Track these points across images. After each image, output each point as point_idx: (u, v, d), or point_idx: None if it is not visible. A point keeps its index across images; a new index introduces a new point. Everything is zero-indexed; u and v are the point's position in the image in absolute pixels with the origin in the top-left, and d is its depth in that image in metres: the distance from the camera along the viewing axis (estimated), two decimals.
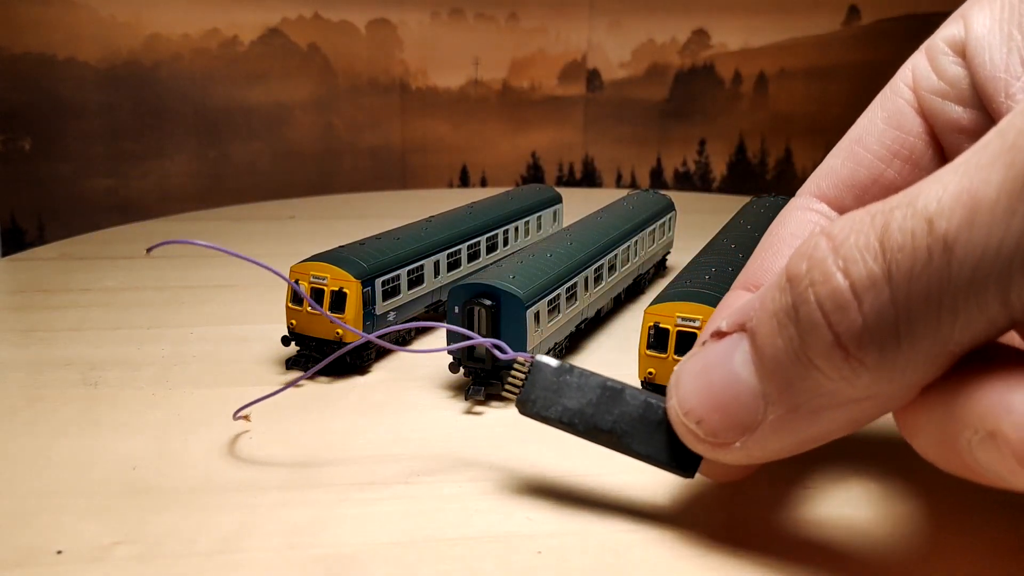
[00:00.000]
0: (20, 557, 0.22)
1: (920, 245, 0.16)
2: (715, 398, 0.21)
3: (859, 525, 0.24)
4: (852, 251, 0.17)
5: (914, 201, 0.17)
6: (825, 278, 0.18)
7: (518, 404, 0.25)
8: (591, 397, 0.24)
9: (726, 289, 0.32)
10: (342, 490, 0.26)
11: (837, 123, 1.07)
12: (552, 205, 0.55)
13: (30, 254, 0.57)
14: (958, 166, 0.17)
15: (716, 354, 0.21)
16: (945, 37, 0.24)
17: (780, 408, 0.20)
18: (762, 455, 0.21)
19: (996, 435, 0.17)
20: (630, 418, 0.24)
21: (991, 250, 0.16)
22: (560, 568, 0.22)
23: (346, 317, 0.35)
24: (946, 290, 0.16)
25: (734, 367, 0.20)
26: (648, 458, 0.23)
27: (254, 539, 0.23)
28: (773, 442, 0.20)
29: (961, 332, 0.17)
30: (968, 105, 0.23)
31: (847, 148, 0.26)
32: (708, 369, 0.21)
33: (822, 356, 0.18)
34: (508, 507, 0.25)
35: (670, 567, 0.22)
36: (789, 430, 0.20)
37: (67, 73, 0.79)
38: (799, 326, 0.18)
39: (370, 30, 0.88)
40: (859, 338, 0.17)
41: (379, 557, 0.23)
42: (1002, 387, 0.17)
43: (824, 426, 0.20)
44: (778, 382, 0.19)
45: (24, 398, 0.33)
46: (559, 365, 0.25)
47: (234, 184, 0.87)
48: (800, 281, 0.18)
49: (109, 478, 0.27)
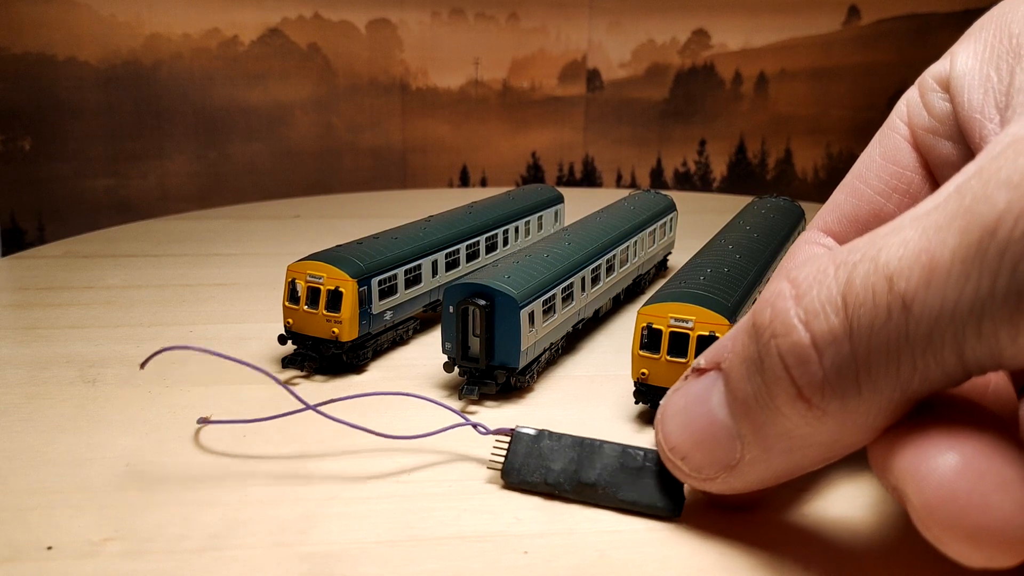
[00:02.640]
0: (10, 552, 0.22)
1: (881, 303, 0.17)
2: (696, 436, 0.22)
3: (852, 525, 0.24)
4: (814, 303, 0.18)
5: (877, 256, 0.17)
6: (787, 331, 0.18)
7: (503, 475, 0.26)
8: (572, 455, 0.26)
9: (720, 290, 0.32)
10: (332, 488, 0.26)
11: (838, 124, 1.07)
12: (554, 205, 0.55)
13: (34, 252, 0.58)
14: (917, 219, 0.17)
15: (696, 392, 0.22)
16: (935, 74, 0.24)
17: (754, 448, 0.21)
18: (743, 487, 0.22)
19: (905, 496, 0.18)
20: (612, 469, 0.25)
21: (947, 311, 0.16)
22: (547, 568, 0.22)
23: (342, 316, 0.35)
24: (904, 346, 0.17)
25: (712, 407, 0.21)
26: (636, 504, 0.25)
27: (243, 536, 0.23)
28: (752, 476, 0.21)
29: (920, 383, 0.17)
30: (956, 141, 0.24)
31: (850, 184, 0.26)
32: (689, 407, 0.22)
33: (786, 404, 0.19)
34: (497, 507, 0.25)
35: (657, 568, 0.22)
36: (765, 466, 0.21)
37: (67, 73, 0.79)
38: (764, 376, 0.19)
39: (370, 30, 0.88)
40: (821, 390, 0.18)
41: (367, 555, 0.23)
42: (914, 451, 0.17)
43: (797, 462, 0.20)
44: (751, 424, 0.20)
45: (22, 395, 0.33)
46: (537, 432, 0.26)
47: (234, 184, 0.87)
48: (764, 331, 0.19)
49: (102, 475, 0.27)
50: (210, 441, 0.29)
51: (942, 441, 0.17)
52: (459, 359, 0.34)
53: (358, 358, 0.37)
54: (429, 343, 0.41)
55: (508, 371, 0.33)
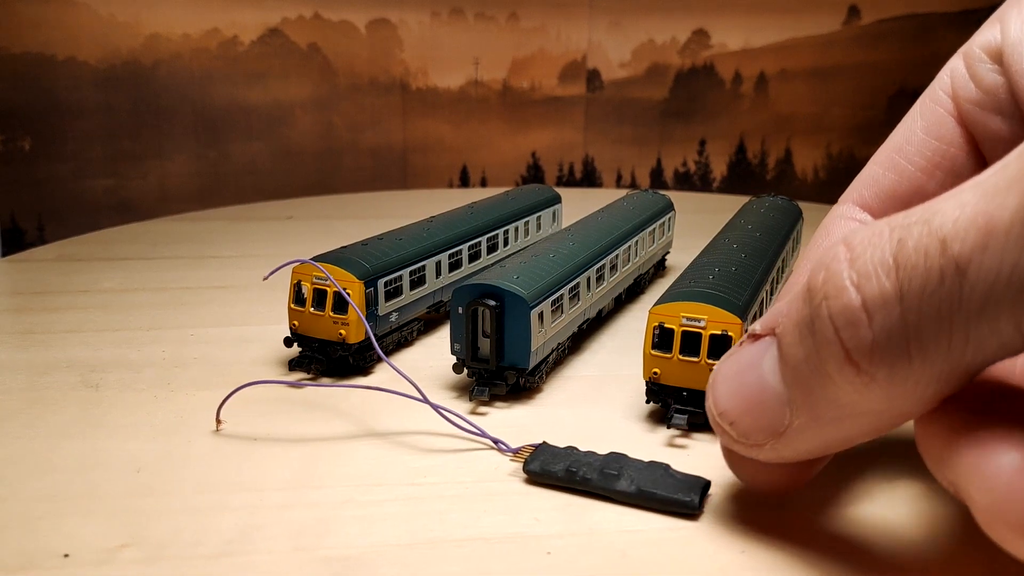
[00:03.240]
0: (26, 561, 0.22)
1: (933, 266, 0.16)
2: (746, 402, 0.21)
3: (872, 526, 0.24)
4: (867, 266, 0.18)
5: (931, 219, 0.17)
6: (838, 293, 0.18)
7: (524, 466, 0.27)
8: (597, 457, 0.27)
9: (730, 289, 0.32)
10: (347, 491, 0.26)
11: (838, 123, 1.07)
12: (551, 205, 0.55)
13: (28, 255, 0.57)
14: (977, 184, 0.17)
15: (748, 357, 0.21)
16: (982, 43, 0.23)
17: (804, 415, 0.20)
18: (792, 456, 0.21)
19: (967, 494, 0.17)
20: (636, 468, 0.26)
21: (1004, 276, 0.16)
22: (571, 568, 0.22)
23: (349, 318, 0.35)
24: (957, 312, 0.16)
25: (763, 372, 0.21)
26: (656, 496, 0.25)
27: (259, 541, 0.23)
28: (800, 444, 0.21)
29: (973, 354, 0.17)
30: (1008, 115, 0.23)
31: (888, 158, 0.25)
32: (741, 372, 0.22)
33: (835, 370, 0.18)
34: (515, 508, 0.25)
35: (679, 567, 0.22)
36: (814, 435, 0.20)
37: (67, 73, 0.78)
38: (815, 339, 0.19)
39: (370, 30, 0.88)
40: (869, 354, 0.18)
41: (386, 558, 0.22)
42: (977, 448, 0.17)
43: (847, 432, 0.20)
44: (801, 390, 0.20)
45: (25, 400, 0.33)
46: (565, 447, 0.28)
47: (234, 184, 0.86)
48: (817, 293, 0.19)
49: (113, 481, 0.26)
50: (219, 445, 0.29)
51: (1006, 437, 0.17)
52: (468, 360, 0.34)
53: (365, 360, 0.37)
54: (434, 344, 0.41)
55: (518, 372, 0.33)
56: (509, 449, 0.28)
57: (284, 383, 0.34)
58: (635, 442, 0.29)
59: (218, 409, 0.30)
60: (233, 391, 0.30)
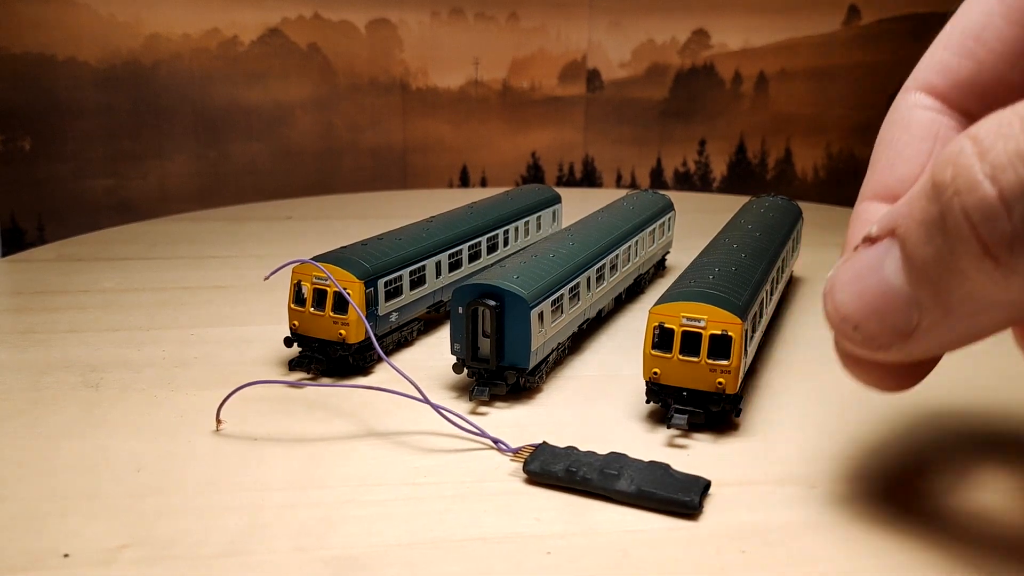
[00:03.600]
0: (28, 560, 0.22)
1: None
2: (869, 305, 0.21)
3: (870, 525, 0.24)
4: (1001, 157, 0.17)
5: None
6: (972, 187, 0.18)
7: (524, 465, 0.27)
8: (597, 457, 0.27)
9: (731, 289, 0.32)
10: (348, 491, 0.26)
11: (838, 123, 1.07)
12: (551, 205, 0.55)
13: (27, 255, 0.57)
14: None
15: (868, 261, 0.21)
16: None
17: (935, 313, 0.20)
18: (922, 353, 0.21)
19: None
20: (636, 468, 0.26)
21: None
22: (572, 568, 0.22)
23: (349, 318, 0.35)
24: None
25: (886, 275, 0.20)
26: (656, 495, 0.25)
27: (262, 541, 0.23)
28: (932, 342, 0.20)
29: None
30: None
31: (962, 44, 0.24)
32: (861, 276, 0.21)
33: (972, 265, 0.18)
34: (515, 508, 0.25)
35: (679, 567, 0.22)
36: (946, 331, 0.20)
37: (67, 73, 0.79)
38: (947, 235, 0.18)
39: (370, 30, 0.88)
40: (1010, 246, 0.17)
41: (389, 558, 0.22)
42: None
43: (982, 325, 0.20)
44: (930, 289, 0.19)
45: (26, 400, 0.33)
46: (565, 447, 0.28)
47: (234, 184, 0.86)
48: (946, 190, 0.18)
49: (113, 480, 0.26)
50: (220, 445, 0.29)
51: None
52: (468, 360, 0.34)
53: (365, 360, 0.37)
54: (433, 344, 0.41)
55: (518, 371, 0.33)
56: (509, 449, 0.28)
57: (284, 383, 0.34)
58: (635, 442, 0.29)
59: (218, 409, 0.30)
60: (233, 391, 0.30)
